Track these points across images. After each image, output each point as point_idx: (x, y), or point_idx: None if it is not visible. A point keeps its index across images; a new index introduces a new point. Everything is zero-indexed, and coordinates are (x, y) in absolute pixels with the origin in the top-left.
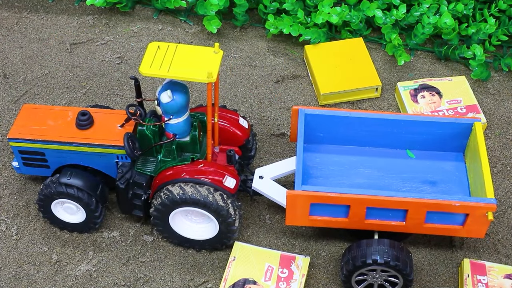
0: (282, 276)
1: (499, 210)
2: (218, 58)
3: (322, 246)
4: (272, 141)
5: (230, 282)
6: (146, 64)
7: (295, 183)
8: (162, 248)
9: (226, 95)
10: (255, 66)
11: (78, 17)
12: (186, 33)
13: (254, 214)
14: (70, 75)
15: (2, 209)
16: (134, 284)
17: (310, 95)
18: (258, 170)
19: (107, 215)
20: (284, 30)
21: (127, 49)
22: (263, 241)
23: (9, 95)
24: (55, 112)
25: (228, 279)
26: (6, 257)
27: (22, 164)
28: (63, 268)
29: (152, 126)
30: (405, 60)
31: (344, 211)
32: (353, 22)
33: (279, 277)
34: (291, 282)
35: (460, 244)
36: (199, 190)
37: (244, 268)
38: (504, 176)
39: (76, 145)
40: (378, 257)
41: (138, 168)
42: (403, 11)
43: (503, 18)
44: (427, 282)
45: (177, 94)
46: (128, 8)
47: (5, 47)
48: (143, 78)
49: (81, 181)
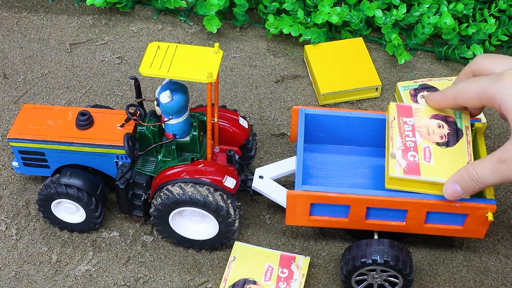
0: (282, 276)
1: (499, 210)
2: (218, 58)
3: (322, 246)
4: (272, 141)
5: (230, 282)
6: (146, 64)
7: (295, 183)
8: (162, 248)
9: (226, 95)
10: (255, 66)
11: (78, 17)
12: (186, 33)
13: (254, 214)
14: (70, 75)
15: (2, 209)
16: (134, 284)
17: (310, 95)
18: (258, 170)
19: (107, 215)
20: (284, 30)
21: (127, 49)
22: (263, 241)
23: (9, 95)
24: (55, 112)
25: (228, 279)
26: (6, 257)
27: (22, 164)
28: (63, 268)
29: (152, 126)
30: (406, 59)
31: (344, 211)
32: (353, 22)
33: (279, 277)
34: (291, 282)
35: (460, 244)
36: (199, 190)
37: (244, 268)
38: None
39: (76, 145)
40: (377, 257)
41: (138, 168)
42: (403, 11)
43: (503, 18)
44: (427, 282)
45: (176, 94)
46: (128, 8)
47: (5, 47)
48: (143, 78)
49: (81, 181)
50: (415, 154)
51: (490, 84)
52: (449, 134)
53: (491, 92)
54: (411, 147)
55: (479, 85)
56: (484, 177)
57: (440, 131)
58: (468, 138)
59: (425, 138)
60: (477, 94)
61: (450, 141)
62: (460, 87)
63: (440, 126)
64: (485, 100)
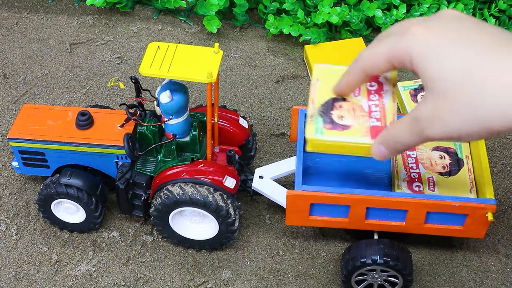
0: (371, 89)
1: (499, 210)
2: (218, 58)
3: (322, 246)
4: (272, 141)
5: (319, 102)
6: (146, 64)
7: (295, 183)
8: (162, 248)
9: (226, 95)
10: (255, 66)
11: (78, 17)
12: (186, 33)
13: (254, 214)
14: (70, 75)
15: (2, 209)
16: (134, 284)
17: None
18: (258, 170)
19: (107, 215)
20: (284, 30)
21: (127, 49)
22: (263, 241)
23: (9, 95)
24: (55, 112)
25: (316, 99)
26: (6, 257)
27: (22, 164)
28: (63, 268)
29: (152, 127)
30: None
31: (344, 211)
32: (353, 22)
33: (369, 91)
34: (383, 93)
35: (460, 244)
36: (199, 190)
37: (329, 88)
38: (504, 176)
39: (76, 145)
40: (377, 257)
41: (138, 168)
42: (403, 11)
43: (503, 18)
44: (427, 282)
45: (176, 94)
46: (128, 8)
47: (5, 47)
48: (143, 78)
49: (81, 181)
50: (419, 184)
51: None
52: (450, 164)
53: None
54: (416, 178)
55: (386, 45)
56: (402, 138)
57: (442, 161)
58: (469, 166)
59: (428, 169)
60: (387, 57)
61: (452, 170)
62: (365, 55)
63: (442, 157)
64: (396, 61)
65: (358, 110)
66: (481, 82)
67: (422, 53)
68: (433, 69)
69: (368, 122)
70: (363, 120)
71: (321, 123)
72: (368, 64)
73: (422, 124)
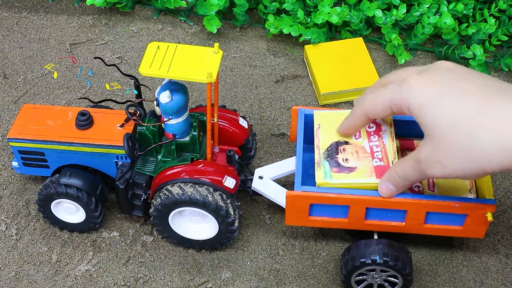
0: (370, 131)
1: (499, 210)
2: (218, 58)
3: (322, 246)
4: (272, 141)
5: (323, 147)
6: (145, 64)
7: (295, 183)
8: (162, 248)
9: (226, 95)
10: (255, 66)
11: (78, 17)
12: (186, 33)
13: (254, 214)
14: (70, 75)
15: (2, 209)
16: (134, 284)
17: (310, 95)
18: (258, 170)
19: (107, 215)
20: (284, 30)
21: (127, 49)
22: (263, 241)
23: (9, 95)
24: (55, 112)
25: (320, 145)
26: (6, 257)
27: (22, 164)
28: (63, 268)
29: (151, 127)
30: (406, 59)
31: (344, 211)
32: (353, 22)
33: (369, 132)
34: (382, 134)
35: (460, 244)
36: (199, 190)
37: (330, 132)
38: (504, 176)
39: (76, 145)
40: (377, 257)
41: (137, 168)
42: (403, 11)
43: (503, 18)
44: (427, 282)
45: (176, 94)
46: (128, 8)
47: (5, 47)
48: (143, 78)
49: (81, 181)
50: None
51: (396, 92)
52: None
53: (400, 99)
54: None
55: (387, 95)
56: (408, 175)
57: None
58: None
59: None
60: (387, 105)
61: None
62: (367, 102)
63: None
64: (395, 108)
65: (361, 151)
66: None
67: (418, 103)
68: (428, 117)
69: (372, 163)
70: (367, 161)
71: (328, 167)
72: (370, 110)
73: (423, 165)
